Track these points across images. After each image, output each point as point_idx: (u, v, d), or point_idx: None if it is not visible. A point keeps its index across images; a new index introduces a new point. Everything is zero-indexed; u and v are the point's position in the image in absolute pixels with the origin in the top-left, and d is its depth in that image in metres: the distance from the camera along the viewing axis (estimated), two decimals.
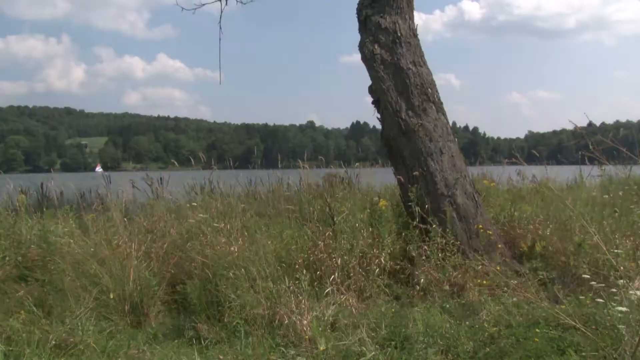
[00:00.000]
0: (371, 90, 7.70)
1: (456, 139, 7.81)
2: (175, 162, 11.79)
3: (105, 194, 9.52)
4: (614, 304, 4.18)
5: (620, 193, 7.85)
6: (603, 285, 4.82)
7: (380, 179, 10.52)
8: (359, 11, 7.93)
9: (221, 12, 12.43)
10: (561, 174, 11.32)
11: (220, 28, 11.91)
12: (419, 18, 7.90)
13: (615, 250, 5.42)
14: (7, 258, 6.49)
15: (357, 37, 7.95)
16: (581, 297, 5.05)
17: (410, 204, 6.92)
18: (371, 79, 7.58)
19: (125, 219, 7.25)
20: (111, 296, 5.67)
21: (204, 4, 12.72)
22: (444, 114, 7.57)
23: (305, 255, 6.22)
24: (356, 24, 8.06)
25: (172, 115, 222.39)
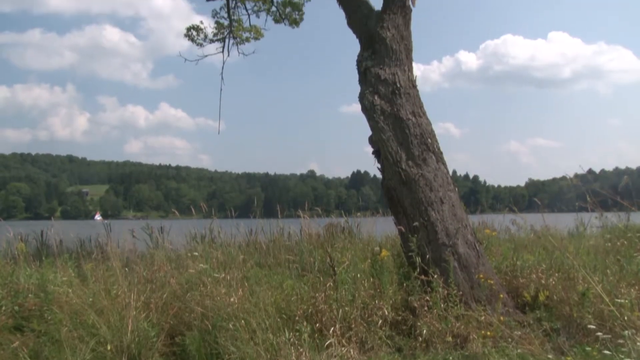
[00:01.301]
0: (371, 141, 7.78)
1: (456, 188, 7.83)
2: (176, 211, 11.80)
3: (105, 243, 9.49)
4: (622, 356, 4.10)
5: (624, 242, 7.81)
6: (609, 336, 4.73)
7: (381, 228, 10.50)
8: (359, 63, 8.10)
9: (223, 63, 12.74)
10: (562, 221, 11.29)
11: (222, 79, 12.18)
12: (417, 69, 8.07)
13: (620, 300, 5.35)
14: (3, 307, 6.41)
15: (357, 88, 8.09)
16: (587, 348, 4.97)
17: (411, 253, 6.88)
18: (371, 130, 7.66)
19: (125, 269, 7.20)
20: (108, 347, 5.57)
21: (206, 55, 13.06)
22: (444, 163, 7.61)
23: (306, 307, 6.15)
24: (356, 75, 8.22)
25: (173, 164, 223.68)
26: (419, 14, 8.05)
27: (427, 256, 6.81)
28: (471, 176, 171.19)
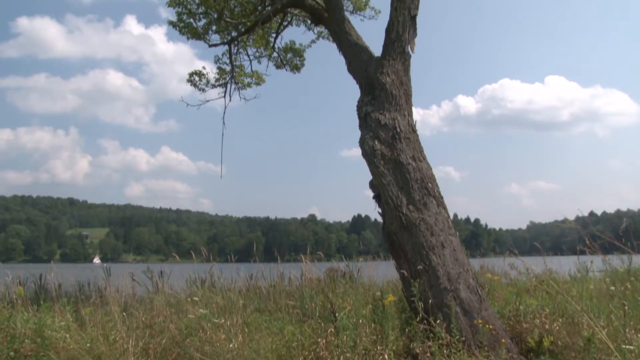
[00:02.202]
0: (372, 185, 7.81)
1: (457, 233, 7.81)
2: (176, 255, 11.74)
3: (104, 287, 9.43)
4: None
5: (628, 285, 7.74)
6: None
7: (383, 272, 10.45)
8: (359, 108, 8.21)
9: (225, 108, 12.89)
10: (564, 264, 11.24)
11: (224, 123, 12.30)
12: (416, 114, 8.19)
13: (626, 346, 5.27)
14: None
15: (357, 132, 8.17)
16: None
17: (413, 298, 6.81)
18: (372, 174, 7.70)
19: (124, 313, 7.14)
20: None
21: (208, 101, 13.23)
22: (444, 207, 7.62)
23: (307, 353, 6.06)
24: (356, 120, 8.31)
25: (174, 208, 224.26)
26: (418, 60, 8.23)
27: (429, 301, 6.74)
28: (472, 219, 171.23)
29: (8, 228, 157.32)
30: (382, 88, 7.97)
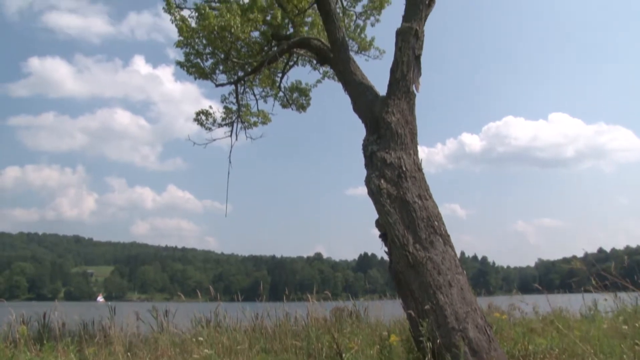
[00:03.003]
0: (378, 224, 7.80)
1: (464, 271, 7.75)
2: (181, 294, 11.67)
3: (108, 326, 9.35)
4: None
5: (636, 324, 7.62)
6: None
7: (390, 312, 10.33)
8: (365, 147, 8.26)
9: (231, 147, 12.98)
10: (574, 302, 11.09)
11: (230, 162, 12.38)
12: (422, 152, 8.23)
13: None
14: None
15: (363, 171, 8.20)
16: None
17: (421, 338, 6.73)
18: (378, 213, 7.70)
19: (128, 353, 7.07)
20: None
21: (214, 140, 13.33)
22: (451, 246, 7.58)
23: None
24: (362, 158, 8.36)
25: (179, 246, 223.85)
26: (423, 98, 8.33)
27: (437, 341, 6.66)
28: (479, 257, 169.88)
29: (13, 265, 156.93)
30: (387, 127, 8.04)
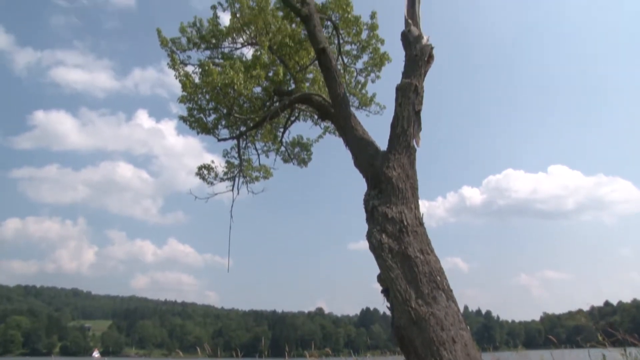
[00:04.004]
0: (380, 279, 7.74)
1: (468, 327, 7.63)
2: (180, 352, 11.47)
3: None
4: None
5: None
6: None
7: None
8: (366, 202, 8.28)
9: (233, 201, 12.99)
10: (582, 358, 10.86)
11: (232, 216, 12.36)
12: (423, 206, 8.25)
13: None
14: None
15: (364, 225, 8.19)
16: None
17: None
18: (380, 268, 7.64)
19: None
20: None
21: (216, 194, 13.35)
22: (454, 301, 7.49)
23: None
24: (363, 212, 8.36)
25: (179, 300, 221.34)
26: (423, 152, 8.42)
27: None
28: (483, 311, 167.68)
29: (8, 319, 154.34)
30: (388, 182, 8.08)
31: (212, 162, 13.37)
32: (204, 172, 13.26)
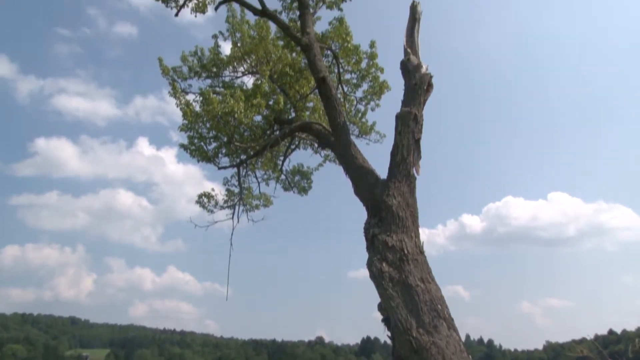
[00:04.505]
0: (380, 308, 7.68)
1: (470, 356, 7.55)
2: None
3: None
4: None
5: None
6: None
7: None
8: (366, 230, 8.27)
9: (232, 229, 12.95)
10: None
11: (232, 245, 12.32)
12: (423, 234, 8.23)
13: None
14: None
15: (365, 253, 8.16)
16: None
17: None
18: (380, 297, 7.59)
19: None
20: None
21: (216, 222, 13.33)
22: (455, 330, 7.42)
23: None
24: (363, 241, 8.34)
25: (178, 329, 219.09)
26: (423, 180, 8.44)
27: None
28: (485, 340, 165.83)
29: (4, 348, 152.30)
30: (388, 210, 8.08)
31: (213, 190, 13.40)
32: (204, 200, 13.27)
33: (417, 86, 9.32)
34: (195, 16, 11.95)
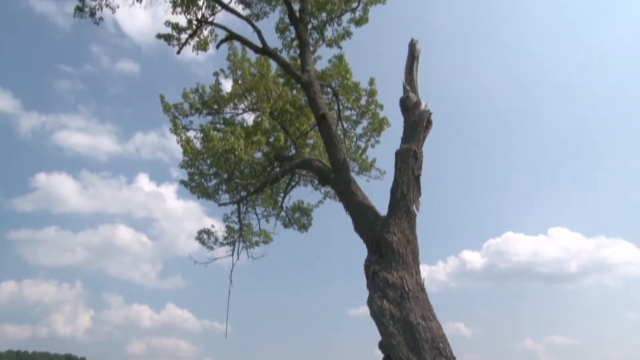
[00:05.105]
0: (381, 346, 7.58)
1: None
2: None
3: None
4: None
5: None
6: None
7: None
8: (367, 267, 8.20)
9: (232, 266, 12.87)
10: None
11: (231, 282, 12.22)
12: (423, 270, 8.16)
13: None
14: None
15: (365, 291, 8.08)
16: None
17: None
18: (381, 335, 7.50)
19: None
20: None
21: (216, 259, 13.24)
22: None
23: None
24: (364, 278, 8.26)
25: None
26: (423, 217, 8.41)
27: None
28: None
29: None
30: (389, 247, 8.03)
31: (213, 226, 13.35)
32: (204, 236, 13.22)
33: (417, 123, 9.36)
34: (197, 54, 12.16)
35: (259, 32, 11.43)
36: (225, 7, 11.86)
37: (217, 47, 11.99)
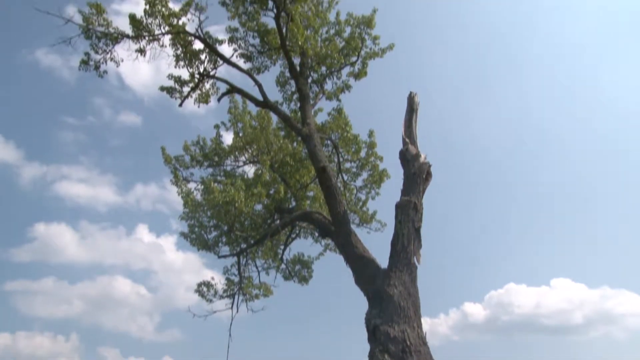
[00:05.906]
0: None
1: None
2: None
3: None
4: None
5: None
6: None
7: None
8: (368, 321, 8.05)
9: (232, 319, 12.66)
10: None
11: (230, 335, 11.98)
12: (425, 323, 7.99)
13: None
14: None
15: (366, 345, 7.91)
16: None
17: None
18: None
19: None
20: None
21: (215, 312, 13.02)
22: None
23: None
24: (364, 332, 8.10)
25: None
26: (424, 269, 8.33)
27: None
28: None
29: None
30: (389, 300, 7.91)
31: (212, 278, 13.20)
32: (204, 289, 13.06)
33: (416, 175, 9.38)
34: (199, 106, 12.31)
35: (259, 86, 11.61)
36: (227, 61, 12.07)
37: (219, 100, 12.15)
